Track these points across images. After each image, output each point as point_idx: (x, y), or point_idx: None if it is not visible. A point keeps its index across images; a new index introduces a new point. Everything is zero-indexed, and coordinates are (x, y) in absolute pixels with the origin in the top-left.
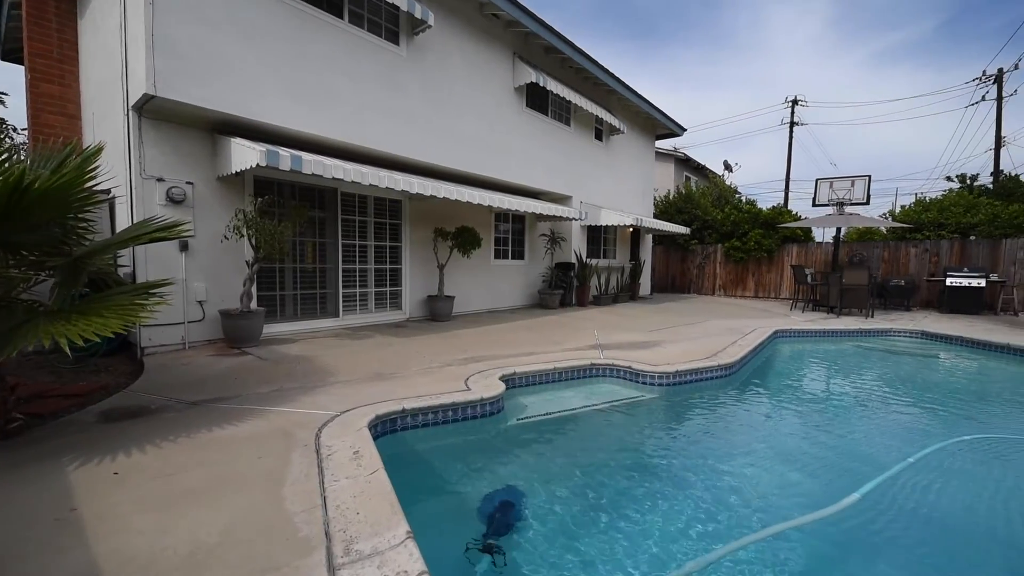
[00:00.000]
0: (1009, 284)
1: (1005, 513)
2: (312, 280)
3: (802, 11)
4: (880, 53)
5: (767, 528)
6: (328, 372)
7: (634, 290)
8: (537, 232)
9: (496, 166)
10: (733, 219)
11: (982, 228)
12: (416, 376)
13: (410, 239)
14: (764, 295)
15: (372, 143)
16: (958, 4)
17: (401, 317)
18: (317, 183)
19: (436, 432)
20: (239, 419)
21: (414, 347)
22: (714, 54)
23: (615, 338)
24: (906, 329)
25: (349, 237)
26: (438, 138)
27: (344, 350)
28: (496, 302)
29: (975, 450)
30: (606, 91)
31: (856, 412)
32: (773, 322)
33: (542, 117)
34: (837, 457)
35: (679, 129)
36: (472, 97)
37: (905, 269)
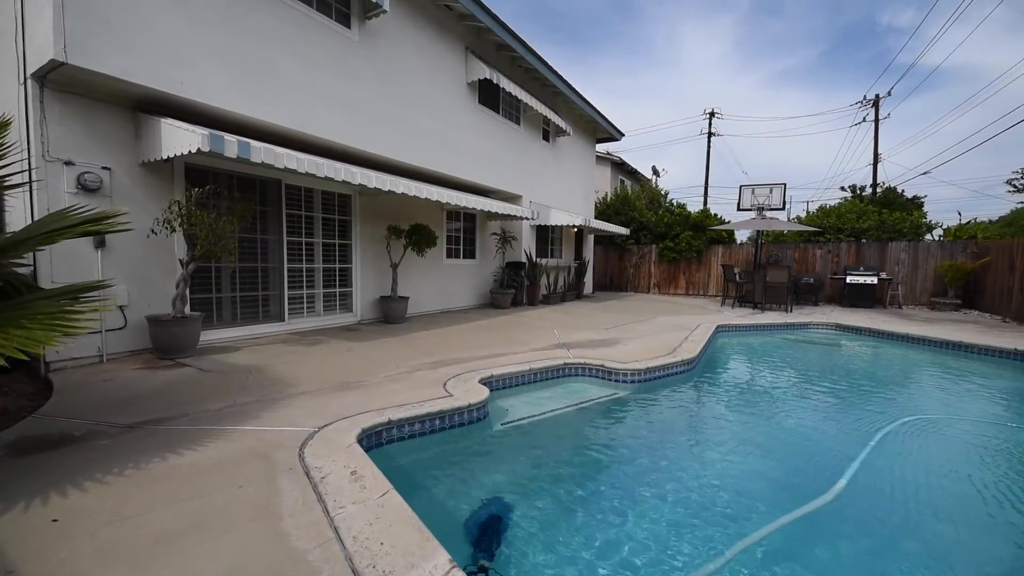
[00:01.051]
0: (895, 281)
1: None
2: (253, 281)
3: (712, 30)
4: (776, 74)
5: (769, 524)
6: (287, 383)
7: (580, 289)
8: (488, 231)
9: (450, 162)
10: (666, 221)
11: (871, 232)
12: (387, 383)
13: (360, 237)
14: (694, 292)
15: (322, 132)
16: (836, 37)
17: (352, 320)
18: (259, 174)
19: (422, 443)
20: (197, 442)
21: (375, 352)
22: (634, 65)
23: (575, 337)
24: (823, 322)
25: (295, 234)
26: (391, 131)
27: (299, 357)
28: (448, 302)
29: (917, 430)
30: (553, 92)
31: (807, 397)
32: (712, 318)
33: (494, 115)
34: (810, 437)
35: (618, 134)
36: (426, 90)
37: (813, 268)
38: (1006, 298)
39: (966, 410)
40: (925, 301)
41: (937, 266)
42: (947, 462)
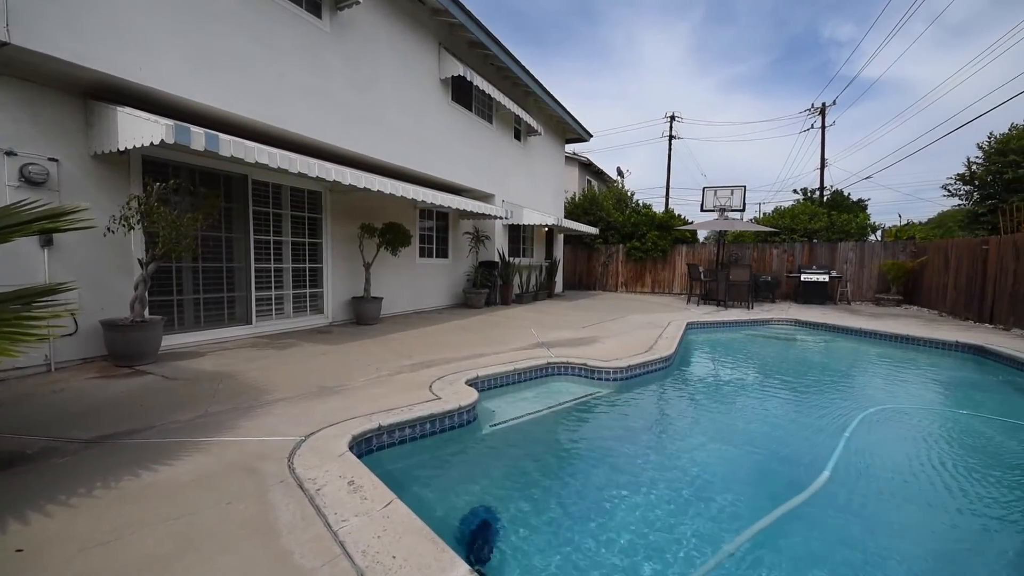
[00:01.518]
0: (844, 279)
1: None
2: (218, 282)
3: (669, 36)
4: (729, 80)
5: (768, 515)
6: (262, 389)
7: (551, 288)
8: (461, 230)
9: (423, 160)
10: (633, 221)
11: (822, 233)
12: (369, 387)
13: (331, 235)
14: (660, 290)
15: (291, 126)
16: (783, 47)
17: (323, 321)
18: (224, 169)
19: (413, 449)
20: (171, 456)
21: (353, 354)
22: (595, 67)
23: (552, 336)
24: (783, 318)
25: (262, 232)
26: (364, 126)
27: (271, 362)
28: (421, 302)
29: (884, 420)
30: (524, 92)
31: (780, 391)
32: (681, 316)
33: (467, 112)
34: (789, 428)
35: (587, 135)
36: (399, 85)
37: (770, 267)
38: (942, 294)
39: (923, 399)
40: (871, 297)
41: (881, 265)
42: (914, 448)
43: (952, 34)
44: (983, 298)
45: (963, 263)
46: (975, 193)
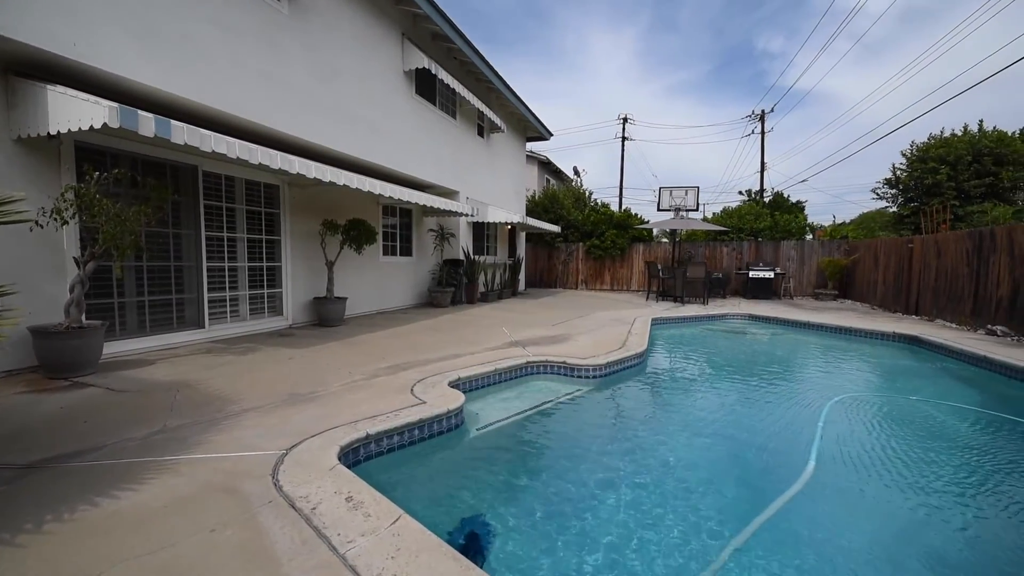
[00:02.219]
0: (787, 275)
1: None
2: (165, 282)
3: (617, 41)
4: (673, 86)
5: (768, 508)
6: (226, 399)
7: (515, 286)
8: (425, 228)
9: (386, 154)
10: (593, 220)
11: (766, 232)
12: (346, 393)
13: (291, 232)
14: (619, 288)
15: (248, 114)
16: (722, 57)
17: (283, 324)
18: (171, 158)
19: (401, 457)
20: (133, 480)
21: (321, 358)
22: (547, 68)
23: (525, 334)
24: (737, 313)
25: (215, 228)
26: (326, 117)
27: (233, 369)
28: (385, 302)
29: (850, 407)
30: (487, 88)
31: (748, 381)
32: (644, 312)
33: (431, 107)
34: (765, 417)
35: (547, 133)
36: (362, 76)
37: (720, 264)
38: (873, 288)
39: (878, 387)
40: (810, 292)
41: (819, 262)
42: (883, 433)
43: (873, 52)
44: (909, 292)
45: (891, 260)
46: (900, 196)
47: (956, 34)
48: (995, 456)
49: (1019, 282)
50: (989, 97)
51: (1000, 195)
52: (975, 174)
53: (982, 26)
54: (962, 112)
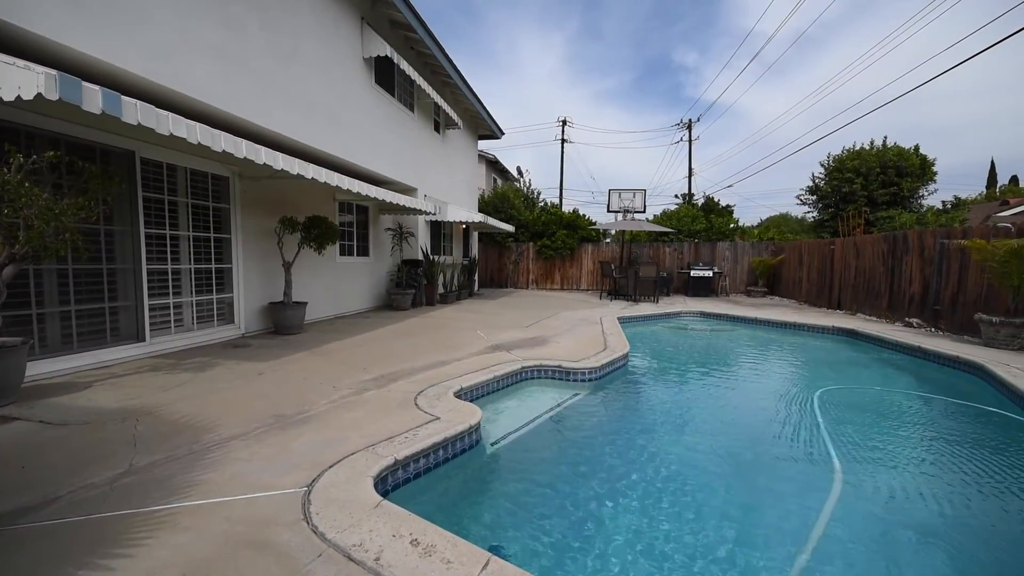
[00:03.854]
0: (724, 274)
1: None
2: (96, 288)
3: (546, 44)
4: (599, 92)
5: (814, 529)
6: (199, 427)
7: (471, 287)
8: (382, 226)
9: (346, 146)
10: (543, 220)
11: (703, 234)
12: (338, 411)
13: (242, 229)
14: (568, 287)
15: (197, 93)
16: (643, 67)
17: (235, 333)
18: (103, 141)
19: (425, 483)
20: (122, 541)
21: (293, 372)
22: (478, 68)
23: (502, 337)
24: (690, 311)
25: (155, 224)
26: (283, 102)
27: (193, 389)
28: (343, 306)
29: (838, 398)
30: (443, 81)
31: (733, 376)
32: (605, 311)
33: (390, 98)
34: (765, 407)
35: (499, 132)
36: (322, 58)
37: (664, 264)
38: (799, 286)
39: (845, 379)
40: (743, 290)
41: (750, 261)
42: (879, 420)
43: (783, 74)
44: (832, 289)
45: (815, 260)
46: (819, 203)
47: (860, 60)
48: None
49: (928, 280)
50: (890, 115)
51: (902, 203)
52: (882, 184)
53: (886, 54)
54: (861, 128)
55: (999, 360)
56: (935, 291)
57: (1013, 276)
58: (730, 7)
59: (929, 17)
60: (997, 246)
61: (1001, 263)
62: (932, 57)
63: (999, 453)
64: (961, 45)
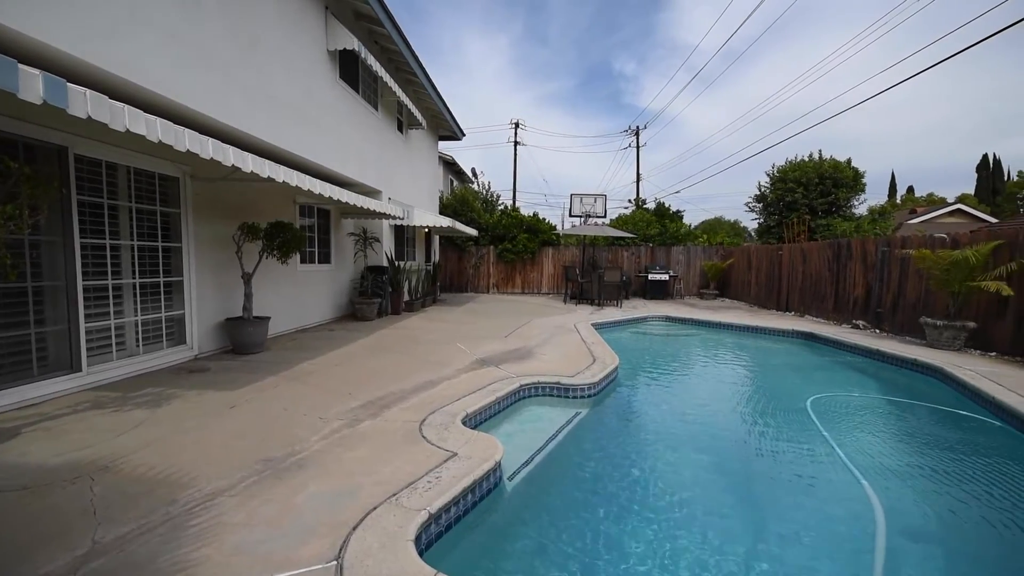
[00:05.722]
0: (678, 277)
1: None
2: (18, 311)
3: (492, 46)
4: (544, 96)
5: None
6: (171, 481)
7: (435, 293)
8: (344, 231)
9: (309, 145)
10: (504, 223)
11: (657, 238)
12: (336, 450)
13: (195, 237)
14: (529, 291)
15: (152, 84)
16: (584, 73)
17: (187, 355)
18: (27, 134)
19: (456, 537)
20: None
21: (269, 401)
22: (426, 67)
23: (483, 350)
24: (656, 314)
25: (92, 233)
26: (245, 96)
27: (153, 430)
28: (304, 318)
29: (829, 404)
30: (407, 79)
31: (725, 382)
32: (575, 317)
33: (355, 95)
34: (772, 413)
35: (460, 133)
36: (285, 49)
37: (622, 267)
38: (748, 289)
39: (830, 385)
40: (696, 292)
41: (702, 265)
42: (878, 425)
43: (718, 87)
44: (780, 292)
45: (763, 264)
46: (765, 210)
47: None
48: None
49: (871, 285)
50: (817, 129)
51: (838, 211)
52: (821, 194)
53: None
54: (789, 139)
55: (949, 361)
56: (877, 295)
57: (954, 283)
58: (666, 21)
59: (835, 44)
60: (942, 256)
61: (944, 271)
62: (857, 79)
63: (978, 454)
64: (867, 69)
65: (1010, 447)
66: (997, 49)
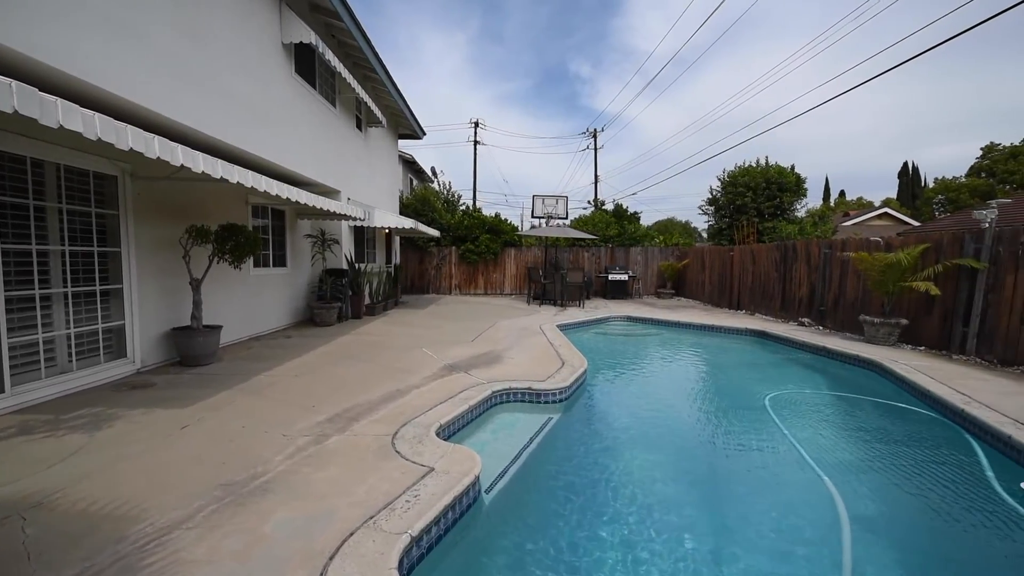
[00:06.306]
0: (637, 277)
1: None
2: None
3: (448, 43)
4: (501, 95)
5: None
6: (120, 515)
7: (396, 295)
8: (300, 232)
9: (265, 142)
10: (467, 224)
11: (617, 239)
12: (304, 470)
13: (135, 241)
14: (492, 291)
15: (86, 74)
16: (541, 74)
17: (128, 369)
18: None
19: (438, 558)
20: None
21: (226, 419)
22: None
23: (451, 355)
24: (618, 315)
25: (15, 238)
26: (193, 89)
27: (94, 458)
28: (258, 324)
29: (786, 401)
30: (365, 75)
31: (692, 380)
32: (540, 319)
33: (311, 90)
34: (739, 407)
35: (421, 131)
36: (237, 39)
37: (584, 267)
38: (702, 288)
39: (791, 383)
40: (653, 291)
41: (659, 265)
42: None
43: (672, 92)
44: (732, 291)
45: (716, 265)
46: (717, 213)
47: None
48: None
49: (814, 285)
50: (761, 136)
51: (783, 215)
52: (767, 198)
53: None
54: (735, 144)
55: (887, 356)
56: (820, 294)
57: (888, 284)
58: (620, 27)
59: (778, 58)
60: (878, 259)
61: (880, 272)
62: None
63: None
64: (805, 82)
65: (948, 437)
66: (913, 71)
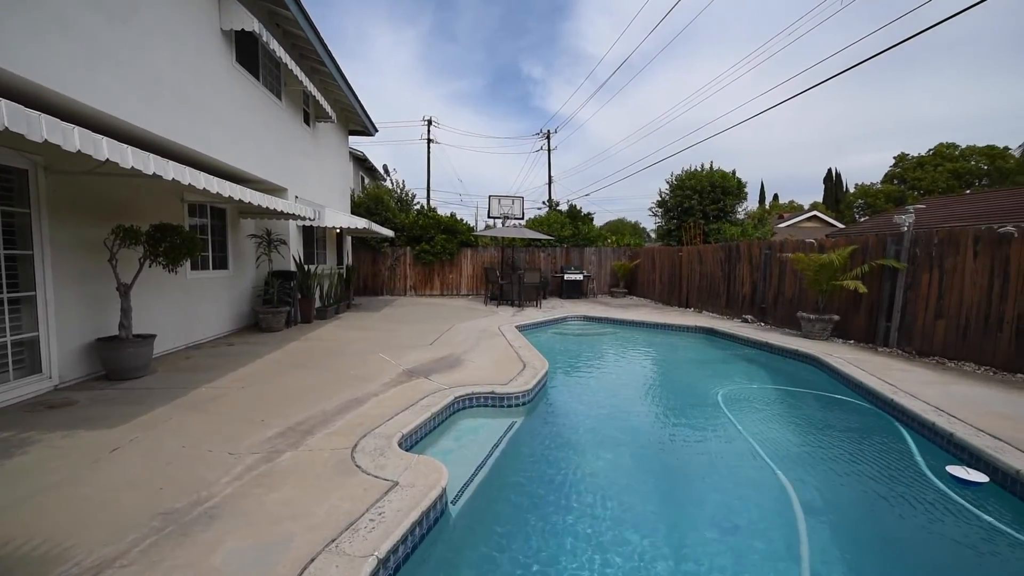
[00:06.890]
0: (591, 277)
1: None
2: None
3: (399, 39)
4: (453, 94)
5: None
6: (40, 555)
7: (349, 297)
8: (243, 232)
9: (202, 135)
10: (422, 224)
11: (571, 239)
12: (255, 490)
13: (51, 243)
14: (448, 292)
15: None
16: (493, 74)
17: (44, 386)
18: None
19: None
20: None
21: (163, 439)
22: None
23: (410, 360)
24: (575, 315)
25: None
26: (119, 75)
27: (9, 491)
28: (197, 331)
29: (737, 395)
30: (312, 67)
31: (654, 378)
32: (499, 320)
33: (255, 81)
34: (693, 403)
35: (373, 128)
36: (170, 23)
37: (540, 267)
38: (653, 287)
39: (740, 378)
40: (607, 290)
41: (612, 265)
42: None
43: (622, 96)
44: (681, 290)
45: (665, 265)
46: (665, 215)
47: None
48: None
49: (756, 283)
50: (711, 141)
51: (726, 217)
52: (712, 200)
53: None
54: (681, 148)
55: (823, 350)
56: (761, 292)
57: (822, 283)
58: (571, 31)
59: (720, 68)
60: (813, 259)
61: (815, 272)
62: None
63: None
64: (745, 91)
65: (881, 426)
66: (835, 87)
